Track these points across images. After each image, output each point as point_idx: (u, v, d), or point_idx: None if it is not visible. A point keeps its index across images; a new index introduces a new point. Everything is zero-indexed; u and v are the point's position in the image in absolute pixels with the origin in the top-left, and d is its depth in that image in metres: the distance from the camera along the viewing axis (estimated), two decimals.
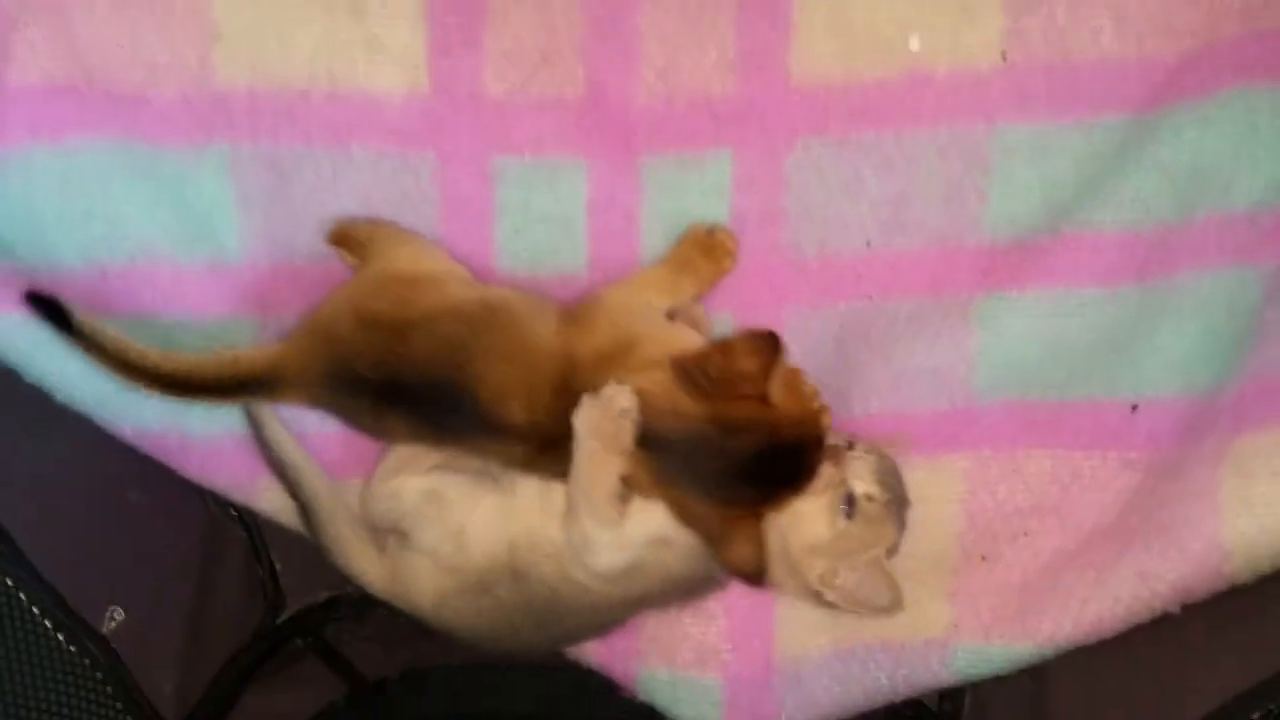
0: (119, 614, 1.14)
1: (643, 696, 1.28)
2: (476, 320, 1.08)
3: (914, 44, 1.14)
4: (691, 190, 1.19)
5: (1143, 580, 1.13)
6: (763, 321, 1.18)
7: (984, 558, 1.23)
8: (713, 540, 1.05)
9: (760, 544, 1.05)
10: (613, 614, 1.18)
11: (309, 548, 1.23)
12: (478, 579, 1.13)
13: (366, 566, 1.18)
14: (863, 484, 1.09)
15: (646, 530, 1.08)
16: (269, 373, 1.12)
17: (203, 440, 1.24)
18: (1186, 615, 1.11)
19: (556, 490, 1.10)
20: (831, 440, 1.09)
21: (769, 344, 1.01)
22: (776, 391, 1.02)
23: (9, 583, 1.05)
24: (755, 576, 1.06)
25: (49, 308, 1.09)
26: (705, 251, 1.17)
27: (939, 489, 1.22)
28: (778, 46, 1.14)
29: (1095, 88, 1.13)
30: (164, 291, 1.20)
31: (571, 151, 1.18)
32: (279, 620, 1.33)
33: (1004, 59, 1.13)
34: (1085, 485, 1.21)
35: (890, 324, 1.21)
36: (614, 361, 1.06)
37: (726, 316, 1.21)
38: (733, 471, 1.03)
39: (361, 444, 1.22)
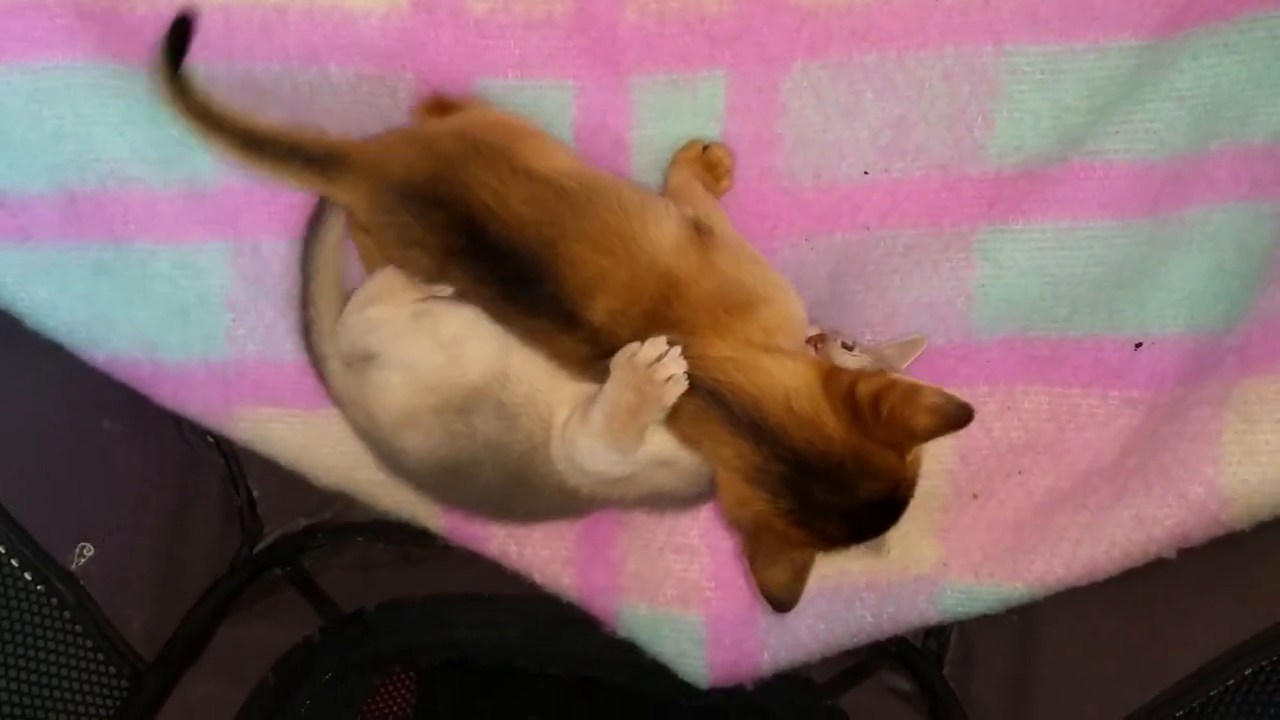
0: (89, 549, 1.13)
1: (623, 633, 1.28)
2: (576, 199, 1.03)
3: None
4: (683, 113, 1.16)
5: (1139, 524, 1.11)
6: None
7: (976, 495, 1.22)
8: (759, 553, 1.04)
9: (803, 578, 1.04)
10: (580, 505, 1.15)
11: (286, 476, 1.23)
12: (462, 398, 1.09)
13: (335, 367, 1.16)
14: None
15: (651, 452, 1.06)
16: (343, 156, 1.08)
17: (175, 366, 1.24)
18: (1183, 562, 1.10)
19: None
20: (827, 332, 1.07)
21: (959, 418, 0.95)
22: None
23: None
24: (784, 605, 1.05)
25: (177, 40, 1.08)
26: (705, 168, 1.14)
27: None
28: None
29: (1111, 9, 1.09)
30: (136, 217, 1.19)
31: (558, 72, 1.15)
32: (256, 550, 1.34)
33: None
34: (1083, 424, 1.20)
35: (887, 255, 1.19)
36: (730, 314, 1.02)
37: None
38: (845, 509, 0.99)
39: None
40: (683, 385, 1.00)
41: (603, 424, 1.03)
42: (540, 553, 1.28)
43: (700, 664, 1.25)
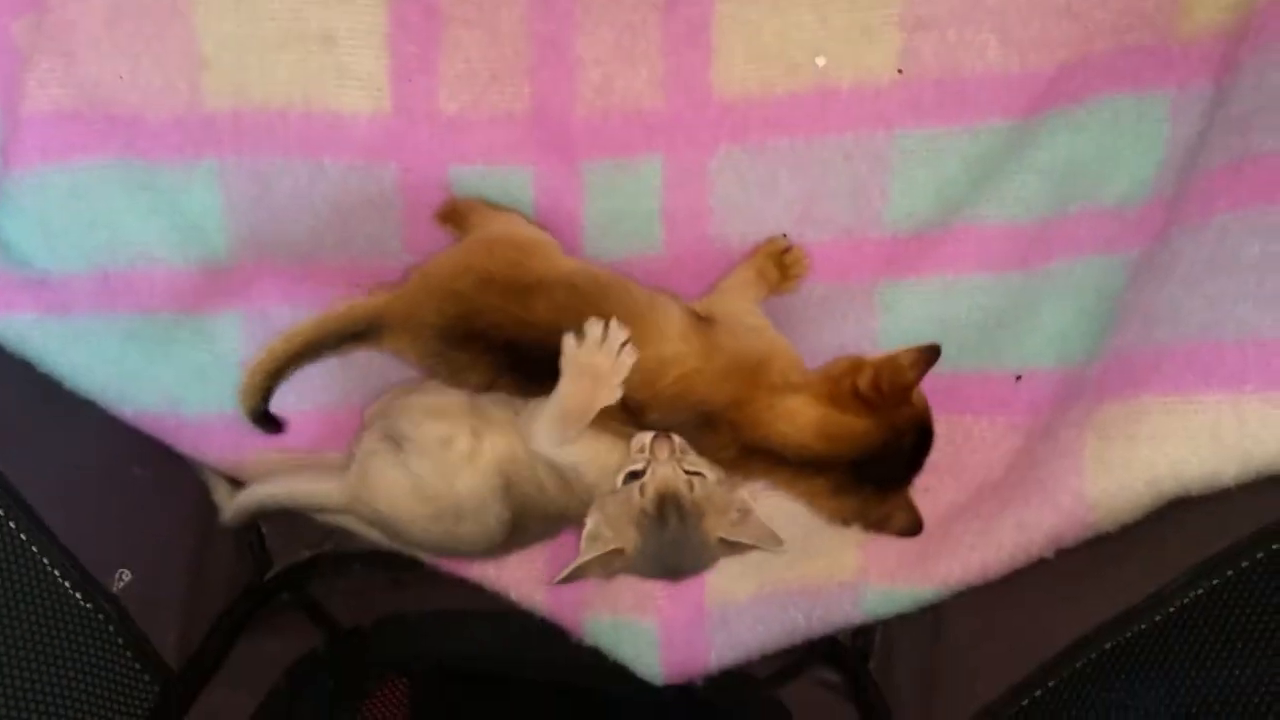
0: (126, 575, 1.23)
1: (589, 640, 1.40)
2: (591, 295, 1.17)
3: (820, 62, 1.25)
4: (627, 191, 1.30)
5: (1021, 529, 1.25)
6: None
7: None
8: (875, 525, 1.21)
9: (914, 508, 1.21)
10: (560, 524, 1.29)
11: (292, 515, 1.33)
12: (455, 506, 1.22)
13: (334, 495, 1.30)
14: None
15: (573, 457, 1.21)
16: (379, 319, 1.20)
17: (195, 419, 1.35)
18: (1057, 558, 1.24)
19: None
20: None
21: (932, 356, 1.14)
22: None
23: (34, 549, 1.14)
24: (919, 530, 1.22)
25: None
26: (779, 264, 1.29)
27: None
28: (700, 66, 1.26)
29: (982, 97, 1.24)
30: (161, 291, 1.30)
31: (520, 160, 1.29)
32: (266, 577, 1.43)
33: (900, 73, 1.24)
34: (975, 446, 1.35)
35: (804, 306, 1.33)
36: (745, 378, 1.17)
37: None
38: (903, 464, 1.18)
39: (339, 418, 1.34)
40: (633, 354, 1.13)
41: (553, 411, 1.16)
42: (515, 574, 1.41)
43: (655, 664, 1.38)
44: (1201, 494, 1.14)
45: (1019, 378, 1.33)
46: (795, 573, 1.38)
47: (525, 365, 1.17)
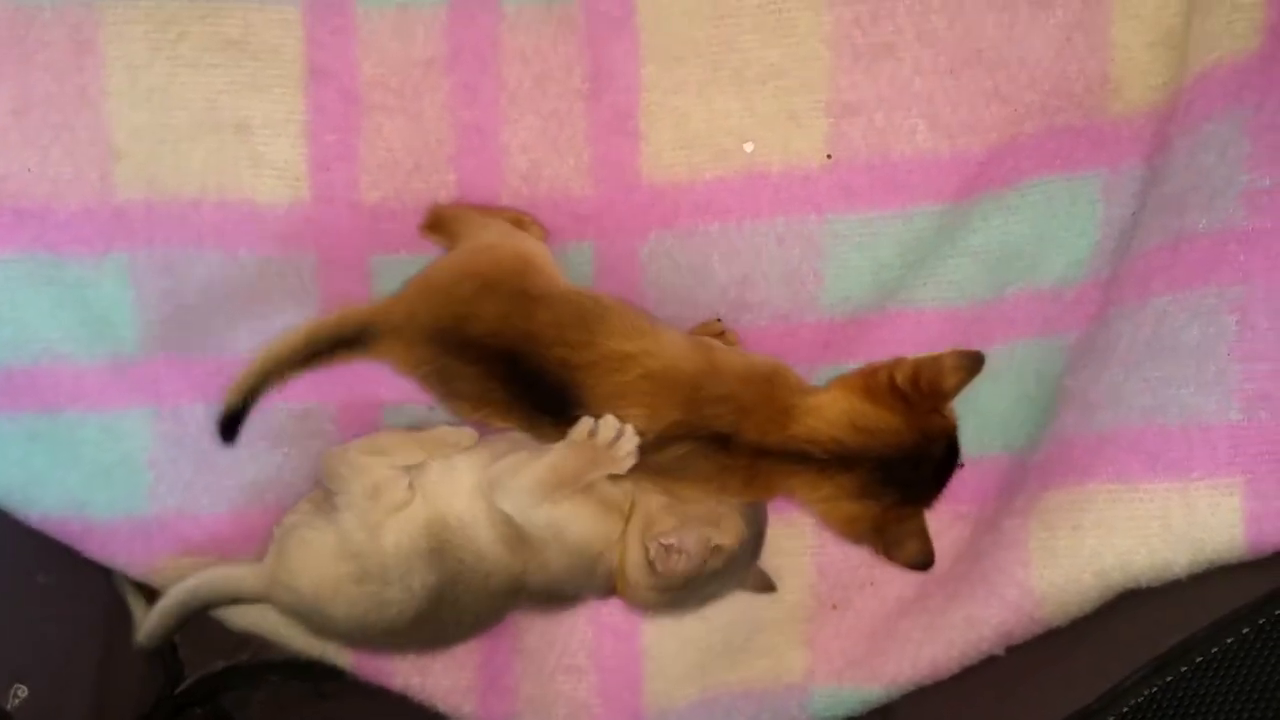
0: (22, 691, 1.17)
1: None
2: (593, 314, 1.13)
3: (749, 148, 1.26)
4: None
5: (970, 625, 1.22)
6: None
7: (835, 606, 1.33)
8: (888, 545, 1.15)
9: (927, 537, 1.16)
10: (495, 603, 1.22)
11: (205, 621, 1.28)
12: (381, 567, 1.17)
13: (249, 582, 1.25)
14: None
15: (551, 517, 1.16)
16: (371, 326, 1.15)
17: (102, 523, 1.30)
18: (1010, 656, 1.21)
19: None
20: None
21: (975, 364, 1.12)
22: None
23: None
24: (928, 565, 1.16)
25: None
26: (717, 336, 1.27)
27: (792, 543, 1.32)
28: (628, 154, 1.26)
29: (913, 180, 1.25)
30: (66, 389, 1.27)
31: (445, 249, 1.26)
32: (177, 690, 1.36)
33: (830, 158, 1.25)
34: None
35: None
36: (762, 384, 1.14)
37: None
38: (930, 475, 1.14)
39: (251, 518, 1.30)
40: (634, 460, 1.11)
41: (543, 473, 1.13)
42: (442, 683, 1.35)
43: None
44: (1152, 585, 1.12)
45: (963, 465, 1.29)
46: (739, 675, 1.33)
47: (519, 378, 1.12)
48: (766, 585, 1.25)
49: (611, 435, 1.11)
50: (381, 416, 1.32)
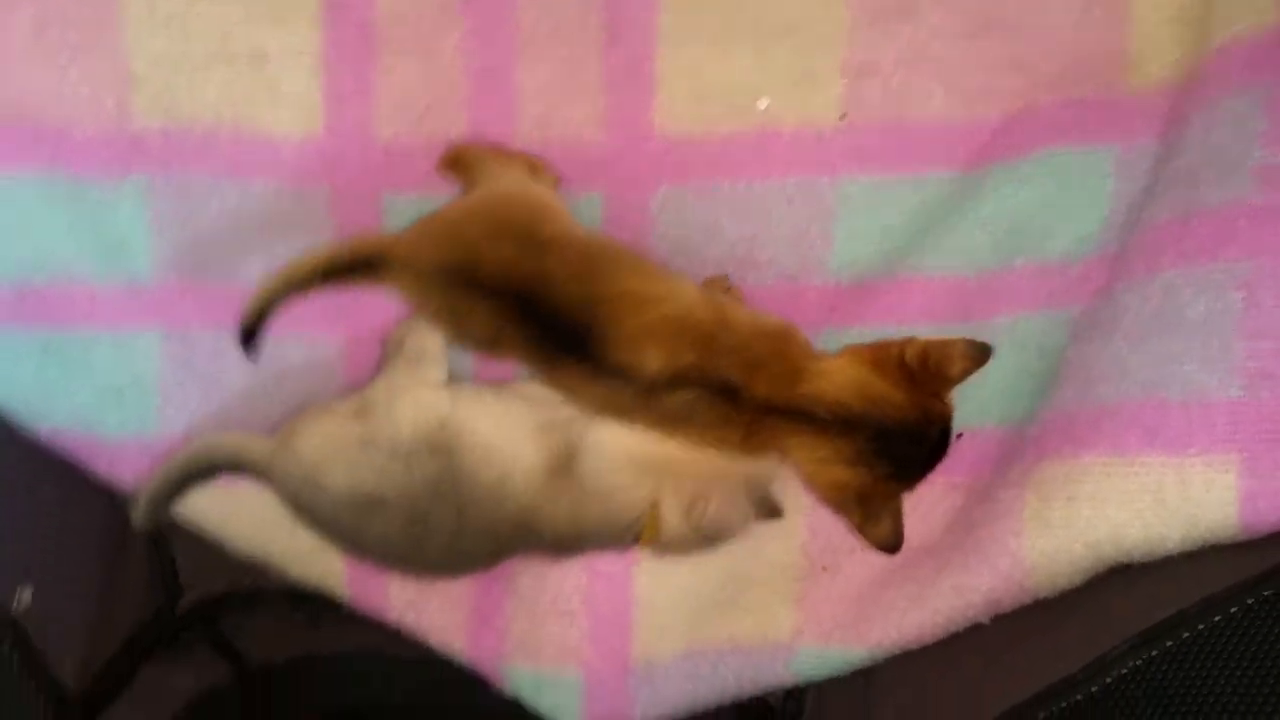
0: (27, 594, 1.20)
1: (509, 691, 1.36)
2: (604, 260, 1.13)
3: (762, 104, 1.25)
4: None
5: (958, 593, 1.21)
6: None
7: (825, 568, 1.33)
8: (865, 519, 1.16)
9: (901, 520, 1.17)
10: (496, 531, 1.20)
11: (207, 546, 1.29)
12: (388, 439, 1.17)
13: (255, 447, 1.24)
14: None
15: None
16: (383, 253, 1.15)
17: (111, 442, 1.32)
18: (995, 622, 1.21)
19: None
20: None
21: (982, 356, 1.13)
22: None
23: None
24: (897, 548, 1.17)
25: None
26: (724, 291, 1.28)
27: (786, 502, 1.31)
28: (642, 104, 1.26)
29: (926, 145, 1.24)
30: (81, 308, 1.29)
31: (456, 190, 1.27)
32: (176, 608, 1.39)
33: (843, 119, 1.24)
34: (914, 507, 1.28)
35: None
36: (775, 341, 1.14)
37: None
38: (923, 455, 1.15)
39: None
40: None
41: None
42: (435, 619, 1.36)
43: (577, 718, 1.34)
44: (1144, 560, 1.11)
45: (959, 436, 1.29)
46: (728, 630, 1.34)
47: (534, 319, 1.11)
48: (774, 511, 1.26)
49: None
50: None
